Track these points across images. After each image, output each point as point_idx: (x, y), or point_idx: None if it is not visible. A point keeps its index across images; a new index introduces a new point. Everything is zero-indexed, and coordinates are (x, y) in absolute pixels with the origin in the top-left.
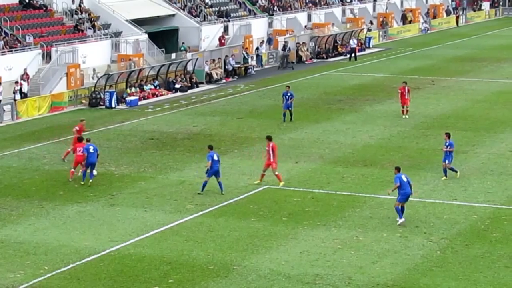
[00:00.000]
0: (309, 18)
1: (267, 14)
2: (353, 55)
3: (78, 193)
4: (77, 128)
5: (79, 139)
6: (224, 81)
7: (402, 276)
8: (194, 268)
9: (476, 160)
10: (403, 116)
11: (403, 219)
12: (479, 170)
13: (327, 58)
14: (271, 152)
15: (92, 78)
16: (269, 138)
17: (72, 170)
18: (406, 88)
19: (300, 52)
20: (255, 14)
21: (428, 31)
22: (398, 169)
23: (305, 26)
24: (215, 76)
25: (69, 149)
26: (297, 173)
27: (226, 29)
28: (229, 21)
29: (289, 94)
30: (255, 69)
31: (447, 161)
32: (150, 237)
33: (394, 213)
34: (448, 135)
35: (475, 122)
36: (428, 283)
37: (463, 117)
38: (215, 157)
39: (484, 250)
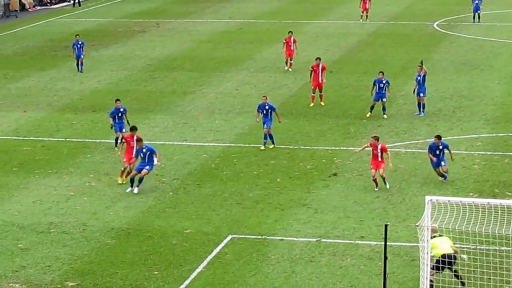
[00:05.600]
0: None
1: None
2: (76, 0)
3: None
4: None
5: None
6: None
7: (136, 219)
8: None
9: (204, 100)
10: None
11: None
12: (207, 110)
13: (51, 5)
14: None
15: None
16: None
17: None
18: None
19: (23, 0)
20: None
21: None
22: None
23: None
24: None
25: None
26: (26, 122)
27: None
28: None
29: None
30: None
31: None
32: None
33: None
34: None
35: (201, 62)
36: (162, 224)
37: (189, 58)
38: None
39: (215, 189)
